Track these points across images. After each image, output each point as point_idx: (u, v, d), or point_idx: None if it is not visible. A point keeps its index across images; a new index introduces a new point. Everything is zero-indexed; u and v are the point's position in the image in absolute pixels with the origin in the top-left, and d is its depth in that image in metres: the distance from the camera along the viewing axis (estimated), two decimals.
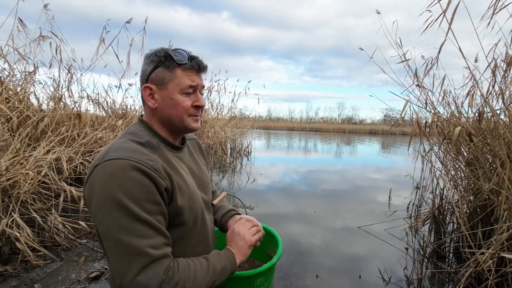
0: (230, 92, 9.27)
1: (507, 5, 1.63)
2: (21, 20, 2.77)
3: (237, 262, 0.80)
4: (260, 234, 0.90)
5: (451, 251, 2.31)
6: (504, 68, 1.92)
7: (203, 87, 0.83)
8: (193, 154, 0.95)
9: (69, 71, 3.38)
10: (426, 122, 2.42)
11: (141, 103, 0.84)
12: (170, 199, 0.72)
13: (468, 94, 2.21)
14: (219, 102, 7.62)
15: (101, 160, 0.66)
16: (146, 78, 0.78)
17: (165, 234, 0.68)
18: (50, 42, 3.15)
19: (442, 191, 2.35)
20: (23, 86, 2.87)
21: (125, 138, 0.73)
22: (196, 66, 0.77)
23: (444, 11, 1.74)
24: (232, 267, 0.79)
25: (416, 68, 2.35)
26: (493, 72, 1.94)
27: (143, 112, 0.85)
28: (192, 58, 0.77)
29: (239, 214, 1.01)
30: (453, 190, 2.32)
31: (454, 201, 2.24)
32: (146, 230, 0.63)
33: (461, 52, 1.89)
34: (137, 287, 0.61)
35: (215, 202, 1.01)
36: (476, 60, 2.17)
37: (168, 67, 0.74)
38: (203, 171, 0.95)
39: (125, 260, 0.61)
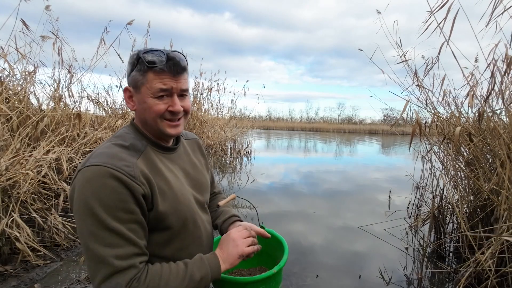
0: (230, 92, 9.26)
1: (507, 9, 1.64)
2: (24, 22, 2.77)
3: (221, 269, 0.77)
4: (255, 247, 0.85)
5: (451, 251, 2.31)
6: (503, 69, 1.92)
7: (185, 90, 0.77)
8: (189, 154, 0.93)
9: (69, 71, 3.38)
10: (426, 122, 2.42)
11: None
12: (151, 205, 0.70)
13: (468, 94, 2.21)
14: (219, 102, 7.63)
15: (82, 166, 0.66)
16: (127, 80, 0.78)
17: (137, 243, 0.66)
18: (54, 43, 3.16)
19: (442, 191, 2.35)
20: (23, 86, 2.86)
21: (110, 142, 0.73)
22: (168, 68, 0.71)
23: (444, 19, 1.75)
24: (215, 275, 0.75)
25: (416, 69, 2.36)
26: (492, 73, 1.94)
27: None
28: (168, 59, 0.72)
29: (241, 220, 0.99)
30: (453, 190, 2.33)
31: (454, 201, 2.24)
32: (114, 239, 0.62)
33: (456, 59, 1.89)
34: None
35: (221, 203, 1.00)
36: (476, 61, 2.17)
37: (140, 70, 0.72)
38: (200, 172, 0.93)
39: (92, 267, 0.63)
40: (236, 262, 0.80)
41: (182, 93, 0.77)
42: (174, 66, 0.72)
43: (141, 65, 0.71)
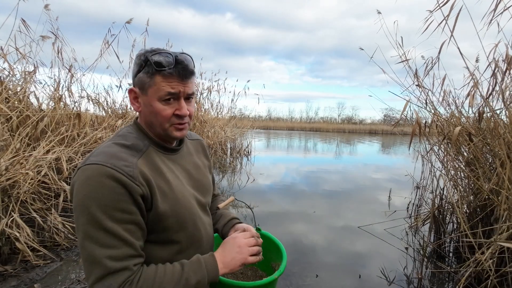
0: (229, 92, 9.21)
1: (508, 8, 1.63)
2: (24, 21, 2.77)
3: (219, 273, 0.74)
4: (258, 258, 0.81)
5: (451, 251, 2.31)
6: (504, 68, 1.92)
7: (191, 94, 0.76)
8: (192, 155, 0.93)
9: (69, 71, 3.38)
10: (426, 122, 2.43)
11: None
12: (150, 205, 0.70)
13: (468, 94, 2.21)
14: (219, 102, 7.64)
15: (82, 164, 0.66)
16: (132, 80, 0.76)
17: (132, 245, 0.65)
18: (53, 42, 3.15)
19: (442, 191, 2.35)
20: (23, 86, 2.86)
21: (111, 141, 0.73)
22: (176, 72, 0.70)
23: (447, 16, 1.75)
24: (212, 278, 0.72)
25: (416, 68, 2.36)
26: (494, 72, 1.94)
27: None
28: (177, 62, 0.71)
29: (241, 223, 0.97)
30: (453, 190, 2.33)
31: (454, 201, 2.24)
32: (109, 239, 0.62)
33: (462, 55, 1.89)
34: None
35: (221, 206, 1.00)
36: (477, 61, 2.17)
37: (148, 72, 0.70)
38: (202, 173, 0.92)
39: (87, 267, 0.63)
40: (237, 268, 0.78)
41: (189, 97, 0.77)
42: (183, 70, 0.71)
43: (149, 67, 0.70)
